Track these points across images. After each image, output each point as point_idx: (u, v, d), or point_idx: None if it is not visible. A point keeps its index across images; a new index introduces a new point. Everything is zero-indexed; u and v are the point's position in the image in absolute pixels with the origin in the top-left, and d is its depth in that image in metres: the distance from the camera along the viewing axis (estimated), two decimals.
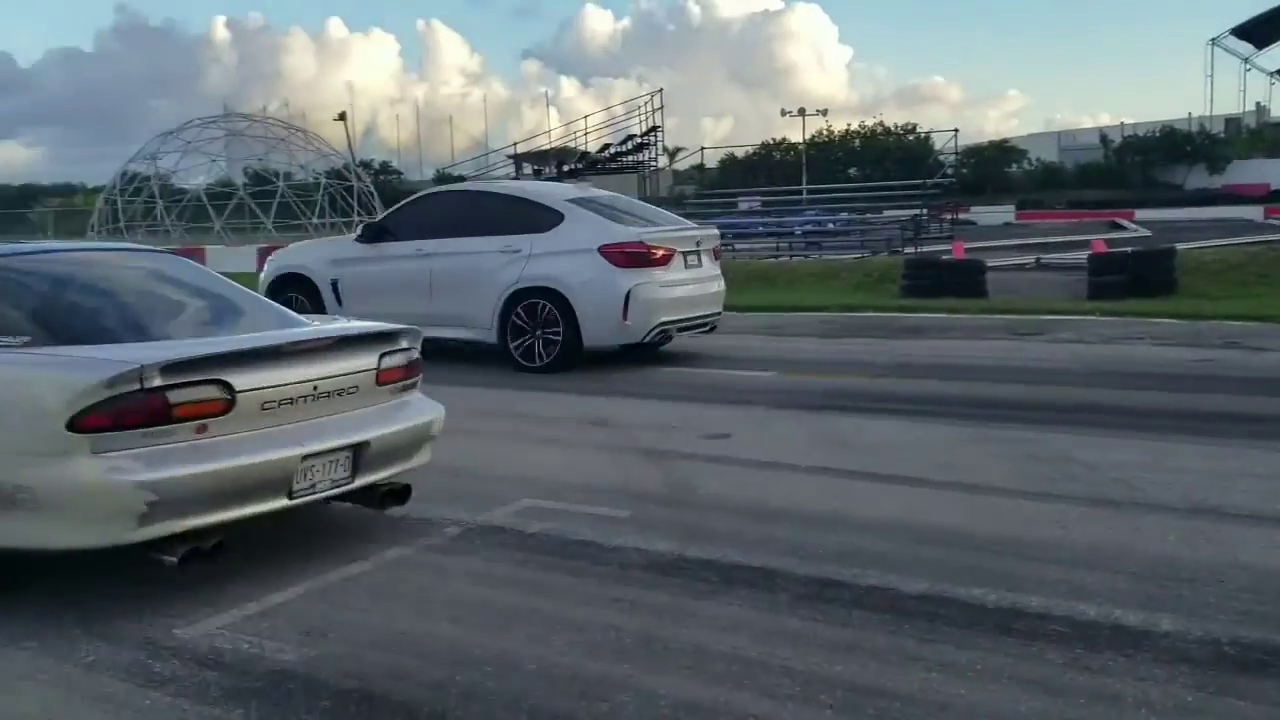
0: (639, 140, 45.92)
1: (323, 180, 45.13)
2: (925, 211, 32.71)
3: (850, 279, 17.37)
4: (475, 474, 5.50)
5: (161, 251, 5.64)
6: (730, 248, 22.82)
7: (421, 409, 4.61)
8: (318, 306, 9.74)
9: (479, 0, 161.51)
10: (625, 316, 8.74)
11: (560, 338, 8.91)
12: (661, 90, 45.44)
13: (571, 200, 9.55)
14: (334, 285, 9.96)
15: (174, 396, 3.59)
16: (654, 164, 47.73)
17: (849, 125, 57.74)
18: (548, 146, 47.30)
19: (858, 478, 5.51)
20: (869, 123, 57.63)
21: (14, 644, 3.47)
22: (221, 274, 5.36)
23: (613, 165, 45.62)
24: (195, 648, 3.42)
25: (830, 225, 31.41)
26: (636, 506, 4.95)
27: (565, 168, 42.80)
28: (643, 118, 45.76)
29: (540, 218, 9.25)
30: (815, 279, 17.93)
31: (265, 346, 4.04)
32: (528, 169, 44.37)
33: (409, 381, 4.55)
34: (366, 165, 53.36)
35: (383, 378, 4.35)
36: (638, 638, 3.44)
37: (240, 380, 3.74)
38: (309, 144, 47.41)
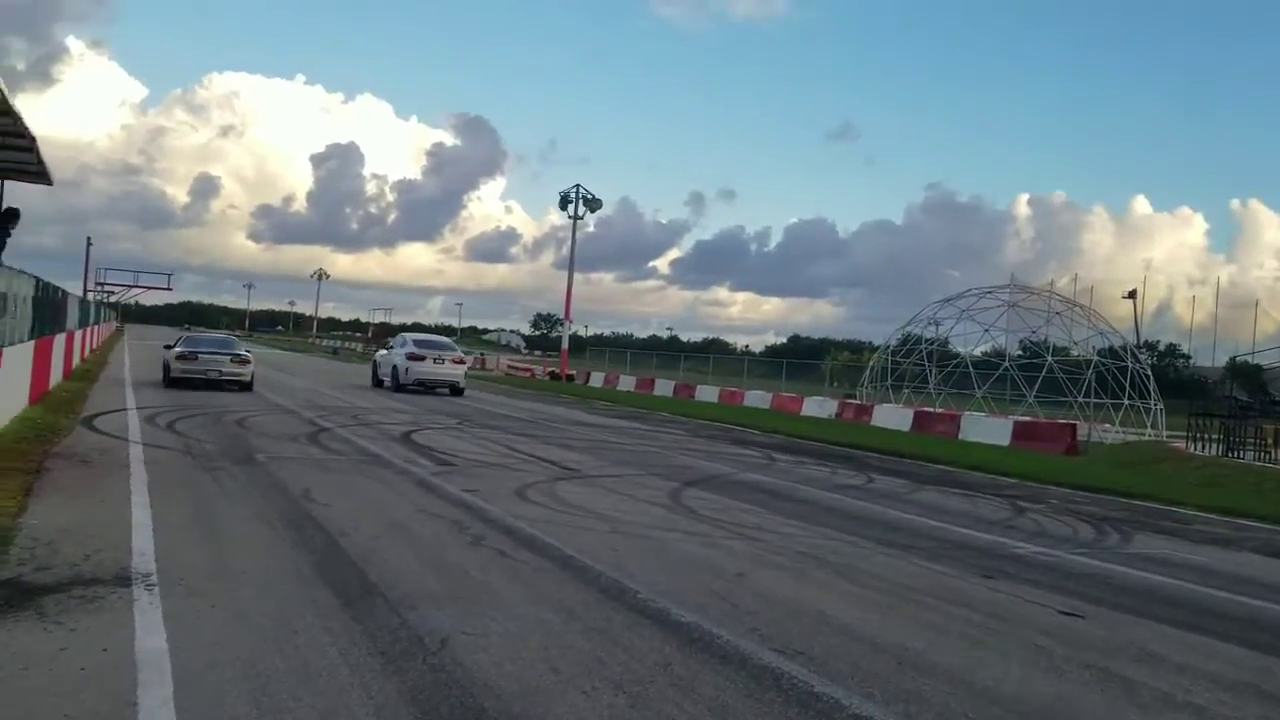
0: None
1: (1095, 358, 42.20)
2: None
3: None
4: None
5: None
6: None
7: None
8: None
9: None
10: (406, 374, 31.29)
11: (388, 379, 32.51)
12: None
13: (408, 335, 35.97)
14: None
15: None
16: None
17: None
18: None
19: None
20: None
21: None
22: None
23: None
24: None
25: None
26: None
27: None
28: None
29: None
30: None
31: None
32: None
33: None
34: (1150, 346, 49.12)
35: None
36: None
37: None
38: (1088, 320, 44.88)
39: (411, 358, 31.33)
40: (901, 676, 5.64)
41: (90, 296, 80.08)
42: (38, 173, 13.55)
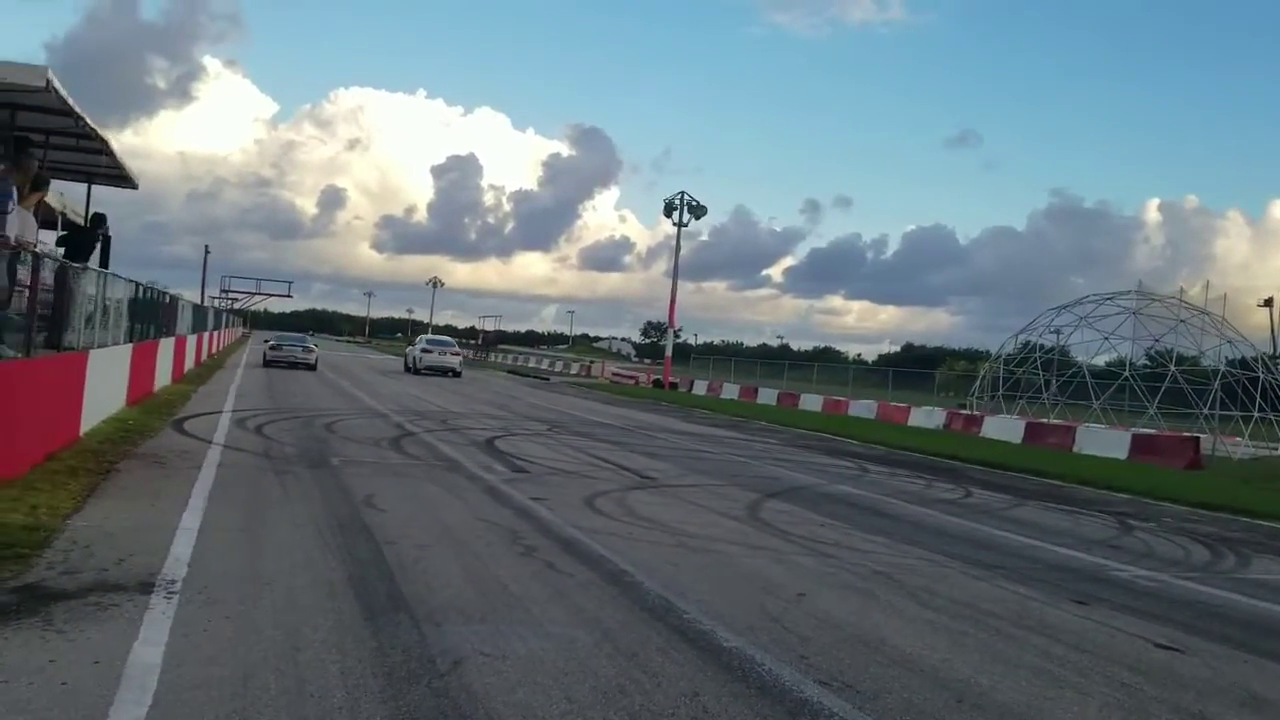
0: None
1: (1223, 368, 39.92)
2: None
3: None
4: None
5: None
6: None
7: None
8: None
9: None
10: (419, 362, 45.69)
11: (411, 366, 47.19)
12: None
13: (423, 337, 52.67)
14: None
15: None
16: None
17: None
18: None
19: None
20: None
21: None
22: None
23: None
24: None
25: None
26: None
27: None
28: None
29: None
30: None
31: None
32: None
33: None
34: None
35: None
36: None
37: None
38: (1218, 329, 42.54)
39: (424, 351, 46.46)
40: (958, 716, 5.07)
41: (215, 303, 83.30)
42: (119, 176, 13.77)
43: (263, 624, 5.55)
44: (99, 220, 13.75)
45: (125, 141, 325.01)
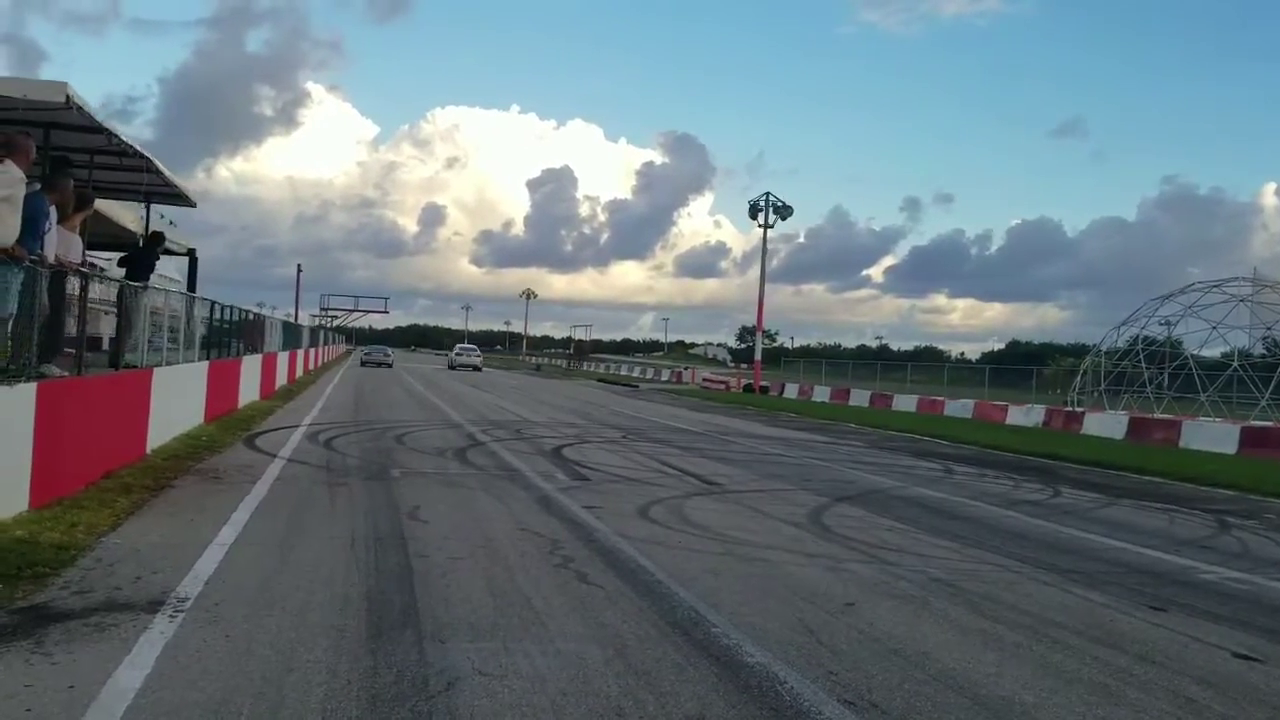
0: None
1: None
2: None
3: None
4: None
5: None
6: None
7: None
8: None
9: None
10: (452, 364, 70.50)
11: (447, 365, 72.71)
12: None
13: (459, 345, 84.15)
14: None
15: None
16: None
17: None
18: None
19: None
20: None
21: None
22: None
23: None
24: None
25: None
26: None
27: None
28: None
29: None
30: None
31: None
32: None
33: None
34: None
35: None
36: None
37: None
38: None
39: (457, 355, 71.30)
40: None
41: (314, 321, 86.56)
42: (175, 195, 13.92)
43: (260, 644, 5.35)
44: (157, 239, 13.93)
45: (235, 169, 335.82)
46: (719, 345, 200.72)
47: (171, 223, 23.07)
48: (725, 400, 45.92)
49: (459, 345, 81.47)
